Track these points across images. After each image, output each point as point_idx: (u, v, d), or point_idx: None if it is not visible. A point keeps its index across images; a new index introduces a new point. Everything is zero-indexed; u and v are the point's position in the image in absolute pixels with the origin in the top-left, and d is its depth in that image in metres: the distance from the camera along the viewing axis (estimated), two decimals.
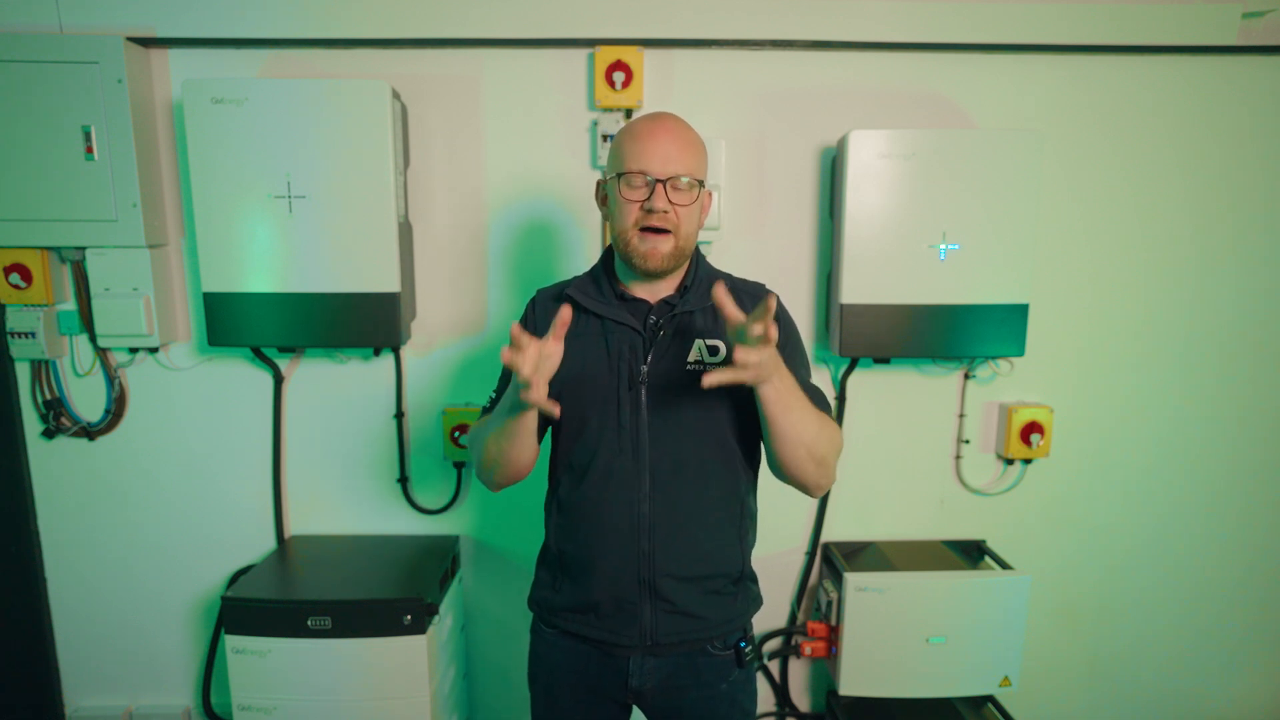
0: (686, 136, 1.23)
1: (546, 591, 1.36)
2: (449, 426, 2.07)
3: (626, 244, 1.23)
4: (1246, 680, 2.36)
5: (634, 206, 1.21)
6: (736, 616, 1.34)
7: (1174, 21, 1.94)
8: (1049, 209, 2.02)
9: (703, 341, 1.26)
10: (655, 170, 1.19)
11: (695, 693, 1.32)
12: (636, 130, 1.23)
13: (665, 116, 1.25)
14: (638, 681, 1.31)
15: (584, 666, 1.34)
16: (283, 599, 1.81)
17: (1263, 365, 2.17)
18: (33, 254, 1.91)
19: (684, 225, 1.22)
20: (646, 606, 1.27)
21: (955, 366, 2.12)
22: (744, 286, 1.34)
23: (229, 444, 2.11)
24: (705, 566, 1.29)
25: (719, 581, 1.30)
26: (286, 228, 1.82)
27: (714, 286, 1.12)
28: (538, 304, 1.36)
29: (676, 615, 1.28)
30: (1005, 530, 2.21)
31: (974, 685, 2.00)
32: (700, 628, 1.29)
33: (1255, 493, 2.24)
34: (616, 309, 1.28)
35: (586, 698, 1.35)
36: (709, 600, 1.30)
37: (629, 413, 1.25)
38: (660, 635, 1.28)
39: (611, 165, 1.25)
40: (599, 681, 1.33)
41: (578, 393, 1.26)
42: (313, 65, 1.95)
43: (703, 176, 1.24)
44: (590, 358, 1.27)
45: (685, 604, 1.27)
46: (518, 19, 1.91)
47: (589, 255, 2.05)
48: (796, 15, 1.93)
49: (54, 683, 2.20)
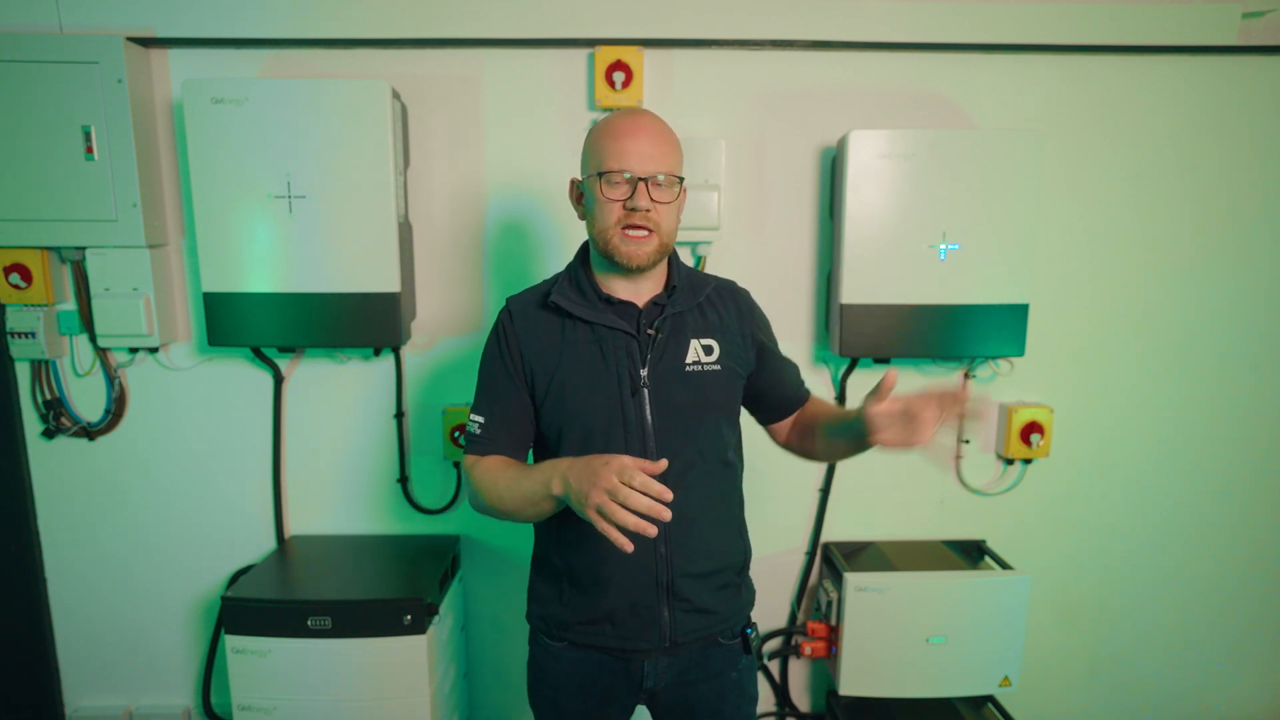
0: (665, 134, 1.24)
1: (552, 607, 1.33)
2: (449, 426, 2.07)
3: (608, 243, 1.22)
4: (1246, 680, 2.36)
5: (615, 205, 1.20)
6: (744, 606, 1.38)
7: (1174, 21, 1.94)
8: (1049, 209, 2.02)
9: (698, 341, 1.28)
10: (636, 169, 1.19)
11: (706, 684, 1.34)
12: (615, 128, 1.22)
13: (642, 114, 1.25)
14: (652, 682, 1.32)
15: (595, 675, 1.32)
16: (283, 599, 1.81)
17: (1262, 365, 2.17)
18: (33, 254, 1.91)
19: (664, 223, 1.22)
20: (665, 609, 1.27)
21: (955, 366, 2.12)
22: (719, 283, 1.37)
23: (229, 444, 2.11)
24: (716, 561, 1.31)
25: (727, 574, 1.33)
26: (286, 228, 1.82)
27: (885, 376, 1.13)
28: (515, 314, 1.30)
29: (694, 613, 1.29)
30: (1005, 530, 2.21)
31: (974, 685, 2.00)
32: (714, 622, 1.32)
33: (1255, 492, 2.24)
34: (605, 314, 1.25)
35: (596, 705, 1.35)
36: (720, 594, 1.32)
37: (634, 418, 1.24)
38: (678, 635, 1.29)
39: (590, 164, 1.24)
40: (612, 688, 1.33)
41: (578, 402, 1.24)
42: (313, 65, 1.95)
43: (681, 173, 1.25)
44: (586, 365, 1.25)
45: (702, 601, 1.29)
46: (518, 19, 1.91)
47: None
48: (796, 15, 1.93)
49: (54, 683, 2.20)
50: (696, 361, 1.27)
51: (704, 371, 1.27)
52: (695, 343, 1.28)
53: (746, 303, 1.38)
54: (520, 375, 1.28)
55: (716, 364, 1.28)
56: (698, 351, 1.28)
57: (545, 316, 1.28)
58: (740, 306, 1.36)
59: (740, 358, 1.32)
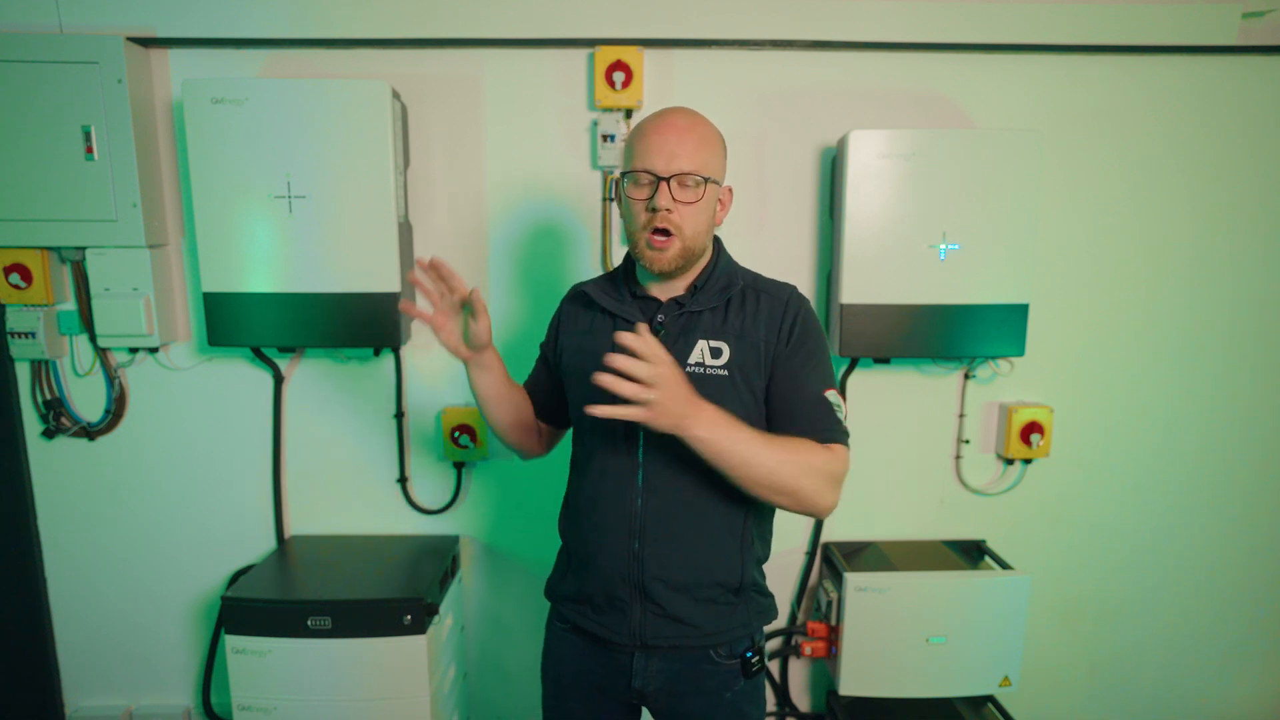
0: (695, 132, 1.20)
1: (555, 578, 1.40)
2: (449, 426, 2.07)
3: (635, 245, 1.24)
4: (1246, 680, 2.36)
5: (640, 206, 1.20)
6: (737, 627, 1.29)
7: (1174, 21, 1.95)
8: (1049, 209, 2.02)
9: (706, 342, 1.23)
10: (659, 168, 1.18)
11: (698, 700, 1.30)
12: (644, 127, 1.22)
13: (673, 111, 1.23)
14: (640, 682, 1.29)
15: (589, 664, 1.33)
16: (283, 599, 1.81)
17: (1262, 364, 2.17)
18: (33, 254, 1.91)
19: (688, 225, 1.20)
20: (636, 607, 1.26)
21: (955, 366, 2.12)
22: (765, 286, 1.30)
23: (229, 444, 2.11)
24: (698, 574, 1.25)
25: (715, 590, 1.27)
26: (286, 228, 1.82)
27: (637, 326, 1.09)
28: (568, 299, 1.40)
29: (666, 619, 1.25)
30: (1005, 530, 2.21)
31: (974, 685, 2.00)
32: (692, 635, 1.26)
33: (1255, 493, 2.24)
34: (628, 307, 1.28)
35: (593, 696, 1.35)
36: (703, 608, 1.26)
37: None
38: (649, 637, 1.26)
39: (622, 164, 1.27)
40: (604, 680, 1.32)
41: (585, 387, 1.24)
42: (313, 65, 1.95)
43: (712, 173, 1.21)
44: (599, 354, 1.23)
45: (675, 610, 1.25)
46: (518, 19, 1.91)
47: (589, 254, 2.05)
48: (796, 15, 1.93)
49: (54, 683, 2.20)
50: (700, 364, 1.22)
51: (705, 375, 1.21)
52: (704, 344, 1.23)
53: (787, 310, 1.26)
54: (552, 355, 1.40)
55: (723, 369, 1.22)
56: (704, 353, 1.23)
57: (587, 304, 1.35)
58: (775, 312, 1.25)
59: (755, 366, 1.23)
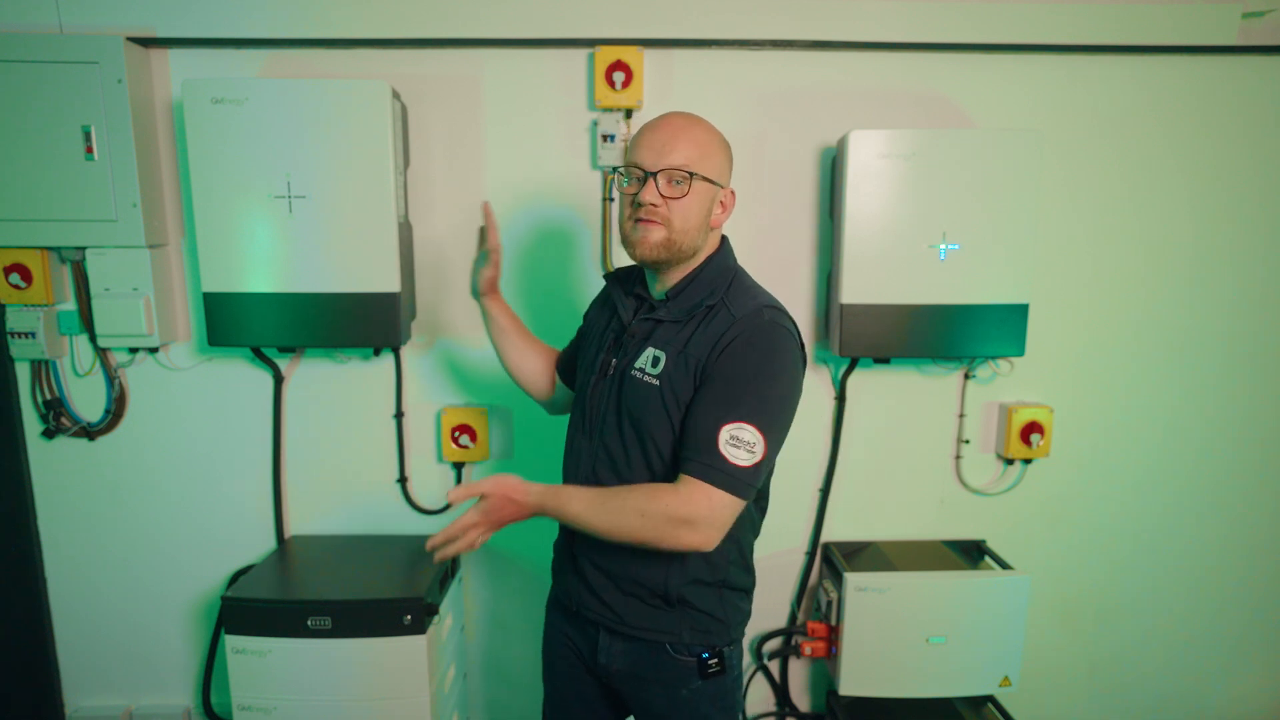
0: (689, 131, 1.22)
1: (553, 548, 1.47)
2: (448, 426, 2.07)
3: (622, 234, 1.27)
4: (1246, 680, 2.36)
5: (628, 199, 1.24)
6: (666, 631, 1.29)
7: (1174, 21, 1.95)
8: (1049, 209, 2.02)
9: (653, 350, 1.25)
10: (647, 163, 1.21)
11: (657, 689, 1.33)
12: (643, 128, 1.27)
13: (672, 113, 1.27)
14: (605, 659, 1.34)
15: (569, 635, 1.41)
16: (283, 599, 1.81)
17: (1262, 364, 2.17)
18: (33, 254, 1.91)
19: (676, 219, 1.21)
20: (572, 575, 1.36)
21: (955, 366, 2.12)
22: (733, 303, 1.23)
23: (229, 444, 2.11)
24: (623, 569, 1.28)
25: (641, 590, 1.28)
26: (286, 228, 1.82)
27: None
28: (606, 285, 1.47)
29: (593, 597, 1.32)
30: (1005, 530, 2.21)
31: (974, 685, 2.00)
32: (617, 621, 1.31)
33: (1255, 493, 2.24)
34: (624, 301, 1.35)
35: (578, 667, 1.41)
36: (630, 602, 1.29)
37: (590, 398, 1.32)
38: (579, 605, 1.35)
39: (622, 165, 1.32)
40: (580, 651, 1.40)
41: (581, 362, 1.42)
42: (313, 65, 1.95)
43: (704, 170, 1.22)
44: (593, 337, 1.40)
45: (601, 590, 1.31)
46: (518, 19, 1.91)
47: (589, 254, 2.05)
48: (796, 15, 1.93)
49: (54, 683, 2.20)
50: (641, 369, 1.25)
51: (641, 381, 1.24)
52: (651, 351, 1.25)
53: (729, 332, 1.19)
54: (580, 334, 1.53)
55: (656, 379, 1.23)
56: (647, 360, 1.25)
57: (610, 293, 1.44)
58: (718, 331, 1.20)
59: (683, 381, 1.20)
